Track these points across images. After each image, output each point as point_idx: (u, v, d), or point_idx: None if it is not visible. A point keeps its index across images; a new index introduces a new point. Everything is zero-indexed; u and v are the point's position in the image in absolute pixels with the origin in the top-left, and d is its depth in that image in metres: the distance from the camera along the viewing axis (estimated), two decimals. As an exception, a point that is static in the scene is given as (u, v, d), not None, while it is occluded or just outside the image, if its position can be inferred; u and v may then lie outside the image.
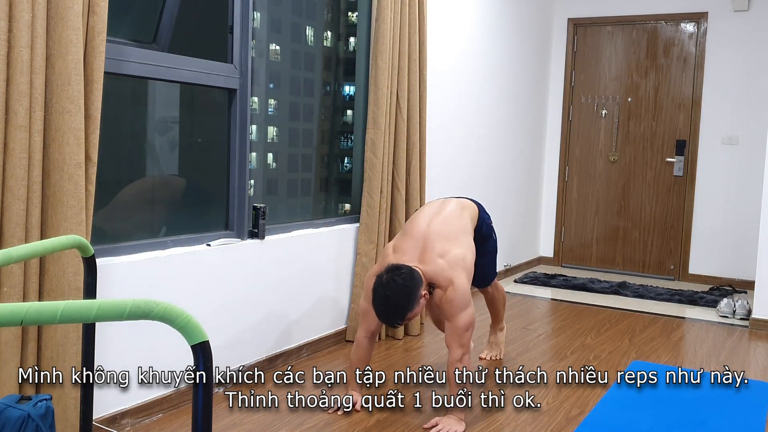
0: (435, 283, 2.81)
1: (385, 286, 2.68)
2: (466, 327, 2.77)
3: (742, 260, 6.09)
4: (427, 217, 3.03)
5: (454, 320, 2.77)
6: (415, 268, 2.78)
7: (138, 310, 1.18)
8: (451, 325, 2.78)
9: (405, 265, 2.76)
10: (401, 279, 2.67)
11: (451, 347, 2.81)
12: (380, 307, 2.70)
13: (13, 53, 2.19)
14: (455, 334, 2.78)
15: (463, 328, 2.77)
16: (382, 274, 2.74)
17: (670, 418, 3.03)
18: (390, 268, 2.74)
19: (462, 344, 2.78)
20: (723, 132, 6.12)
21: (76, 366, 2.41)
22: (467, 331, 2.78)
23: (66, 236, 1.96)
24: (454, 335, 2.78)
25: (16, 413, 1.97)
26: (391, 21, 3.87)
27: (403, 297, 2.67)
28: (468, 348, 2.81)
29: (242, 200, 3.34)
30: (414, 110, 4.11)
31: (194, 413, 1.20)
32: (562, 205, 6.84)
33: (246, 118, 3.31)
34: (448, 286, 2.77)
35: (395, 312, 2.69)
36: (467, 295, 2.78)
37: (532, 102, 6.42)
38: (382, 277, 2.72)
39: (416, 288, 2.70)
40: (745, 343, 4.34)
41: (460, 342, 2.78)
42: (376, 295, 2.70)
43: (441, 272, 2.79)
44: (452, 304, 2.77)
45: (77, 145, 2.35)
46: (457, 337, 2.78)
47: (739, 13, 6.01)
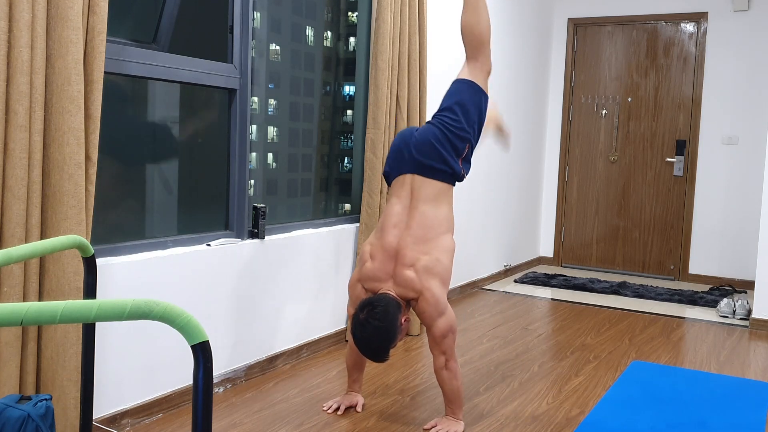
0: (408, 298, 2.80)
1: (362, 329, 2.65)
2: (443, 334, 2.76)
3: (742, 260, 6.09)
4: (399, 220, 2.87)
5: (431, 329, 2.77)
6: (390, 296, 2.74)
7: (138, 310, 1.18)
8: (430, 333, 2.78)
9: (380, 298, 2.71)
10: (376, 320, 2.63)
11: (433, 354, 2.82)
12: (362, 349, 2.68)
13: (13, 53, 2.19)
14: (435, 341, 2.79)
15: (440, 335, 2.76)
16: (357, 313, 2.69)
17: (670, 418, 3.03)
18: (365, 305, 2.69)
19: (443, 351, 2.78)
20: (723, 132, 6.13)
21: (76, 366, 2.41)
22: (446, 337, 2.76)
23: (66, 236, 1.96)
24: (434, 343, 2.79)
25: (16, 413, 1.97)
26: (391, 21, 3.87)
27: (381, 338, 2.64)
28: (451, 354, 2.79)
29: (242, 200, 3.34)
30: (414, 110, 4.11)
31: (194, 413, 1.19)
32: (562, 205, 6.84)
33: (246, 118, 3.31)
34: (419, 297, 2.75)
35: (377, 352, 2.67)
36: (441, 303, 2.75)
37: (532, 102, 6.42)
38: (359, 317, 2.68)
39: (393, 324, 2.66)
40: (745, 343, 4.34)
41: (441, 349, 2.78)
42: (356, 338, 2.68)
43: (411, 287, 2.75)
44: (425, 315, 2.76)
45: (77, 145, 2.35)
46: (436, 344, 2.78)
47: (739, 13, 6.01)
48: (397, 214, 2.87)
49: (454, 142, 2.86)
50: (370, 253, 2.87)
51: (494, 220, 5.87)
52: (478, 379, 3.49)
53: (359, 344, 2.67)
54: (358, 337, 2.67)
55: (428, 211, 2.84)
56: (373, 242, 2.89)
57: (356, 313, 2.70)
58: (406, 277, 2.76)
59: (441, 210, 2.86)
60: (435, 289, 2.75)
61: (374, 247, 2.87)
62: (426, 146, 2.86)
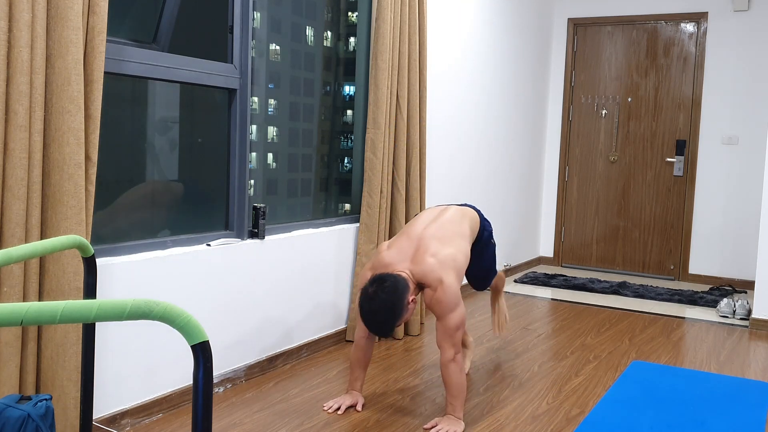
0: (425, 283, 2.81)
1: (370, 301, 2.69)
2: (456, 327, 2.78)
3: (742, 260, 6.09)
4: (426, 220, 3.06)
5: (444, 320, 2.79)
6: (401, 274, 2.79)
7: (138, 310, 1.18)
8: (442, 325, 2.79)
9: (390, 275, 2.75)
10: (384, 293, 2.67)
11: (442, 347, 2.82)
12: (367, 322, 2.72)
13: (13, 53, 2.19)
14: (446, 334, 2.80)
15: (453, 328, 2.78)
16: (366, 287, 2.73)
17: (670, 418, 3.03)
18: (374, 280, 2.74)
19: (453, 344, 2.80)
20: (723, 132, 6.13)
21: (77, 366, 2.41)
22: (458, 330, 2.79)
23: (66, 236, 1.96)
24: (444, 335, 2.80)
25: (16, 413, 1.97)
26: (391, 21, 3.87)
27: (387, 311, 2.67)
28: (459, 347, 2.82)
29: (242, 200, 3.34)
30: (414, 110, 4.11)
31: (194, 413, 1.19)
32: (562, 205, 6.84)
33: (246, 118, 3.32)
34: (438, 287, 2.78)
35: (382, 326, 2.70)
36: (456, 295, 2.79)
37: (532, 102, 6.42)
38: (367, 290, 2.72)
39: (401, 299, 2.70)
40: (745, 343, 4.34)
41: (452, 342, 2.79)
42: (362, 310, 2.71)
43: (431, 272, 2.80)
44: (441, 305, 2.78)
45: (77, 145, 2.35)
46: (447, 337, 2.79)
47: (739, 13, 6.01)
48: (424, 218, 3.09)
49: None
50: (389, 243, 2.98)
51: (494, 220, 5.87)
52: (478, 379, 3.49)
53: (365, 317, 2.71)
54: (365, 310, 2.70)
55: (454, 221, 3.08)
56: (395, 237, 3.02)
57: (365, 287, 2.75)
58: (428, 262, 2.83)
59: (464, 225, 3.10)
60: (453, 280, 2.81)
61: (395, 239, 3.00)
62: None
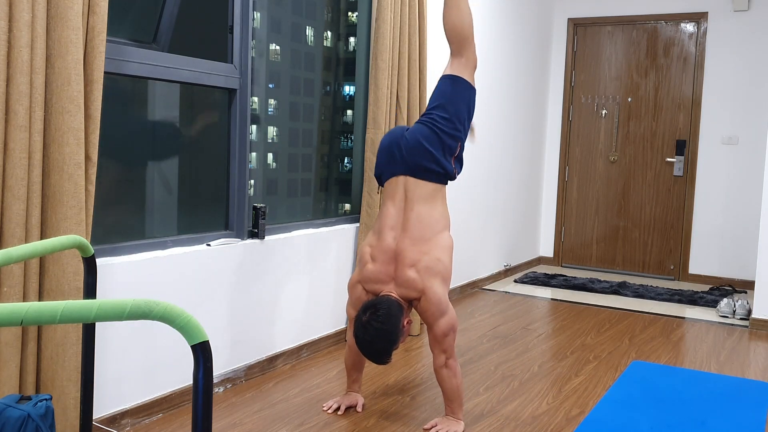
0: (411, 298, 2.80)
1: (365, 331, 2.66)
2: (445, 333, 2.77)
3: (742, 260, 6.09)
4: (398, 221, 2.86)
5: (433, 327, 2.78)
6: (392, 298, 2.75)
7: (138, 310, 1.18)
8: (431, 331, 2.80)
9: (382, 300, 2.72)
10: (379, 323, 2.64)
11: (433, 353, 2.83)
12: (364, 352, 2.70)
13: (13, 53, 2.19)
14: (435, 340, 2.80)
15: (442, 334, 2.77)
16: (360, 315, 2.70)
17: (670, 418, 3.03)
18: (367, 307, 2.71)
19: (444, 350, 2.79)
20: (723, 132, 6.13)
21: (76, 366, 2.41)
22: (447, 336, 2.78)
23: (66, 236, 1.96)
24: (434, 342, 2.80)
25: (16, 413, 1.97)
26: (391, 21, 3.87)
27: (383, 341, 2.66)
28: (451, 352, 2.81)
29: (242, 200, 3.34)
30: (414, 110, 4.11)
31: (194, 413, 1.19)
32: (562, 205, 6.84)
33: (246, 118, 3.32)
34: (422, 297, 2.77)
35: (379, 354, 2.69)
36: (443, 302, 2.77)
37: (532, 102, 6.42)
38: (361, 319, 2.69)
39: (396, 326, 2.68)
40: (745, 343, 4.34)
41: (442, 348, 2.79)
42: (358, 340, 2.69)
43: (413, 287, 2.77)
44: (428, 313, 2.77)
45: (77, 145, 2.35)
46: (437, 343, 2.79)
47: (739, 13, 6.01)
48: (393, 216, 2.86)
49: (446, 142, 2.86)
50: (371, 254, 2.87)
51: (494, 220, 5.87)
52: (478, 379, 3.49)
53: (362, 346, 2.68)
54: (360, 339, 2.67)
55: (424, 211, 2.84)
56: (373, 244, 2.88)
57: (359, 315, 2.71)
58: (408, 277, 2.77)
59: (436, 208, 2.87)
60: (437, 288, 2.76)
61: (374, 248, 2.87)
62: (417, 147, 2.84)
